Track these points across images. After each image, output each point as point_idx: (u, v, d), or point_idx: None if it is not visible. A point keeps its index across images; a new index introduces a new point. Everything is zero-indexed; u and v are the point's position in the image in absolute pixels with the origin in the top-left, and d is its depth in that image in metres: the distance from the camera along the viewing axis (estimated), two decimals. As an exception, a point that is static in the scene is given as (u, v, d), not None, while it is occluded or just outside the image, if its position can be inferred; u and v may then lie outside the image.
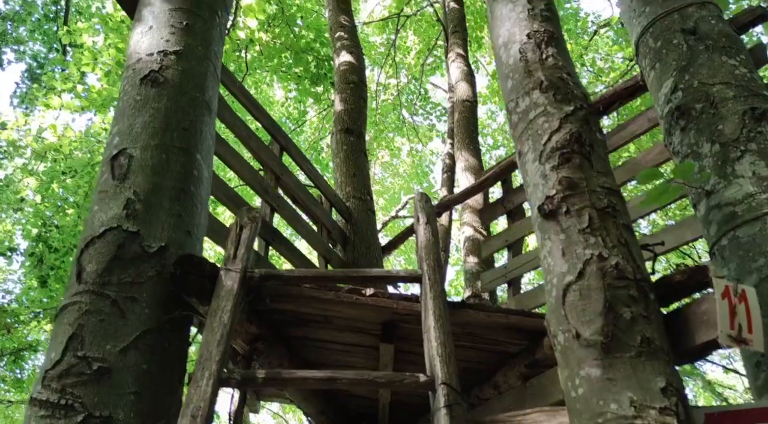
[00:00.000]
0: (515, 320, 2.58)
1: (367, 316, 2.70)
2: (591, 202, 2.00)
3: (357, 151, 5.86)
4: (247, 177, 3.87)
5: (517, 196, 4.33)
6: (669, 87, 2.85)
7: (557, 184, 2.07)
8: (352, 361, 3.26)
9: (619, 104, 3.87)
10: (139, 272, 2.33)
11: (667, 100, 2.85)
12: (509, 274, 4.14)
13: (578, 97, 2.32)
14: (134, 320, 2.23)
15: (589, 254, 1.89)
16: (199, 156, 2.79)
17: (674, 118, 2.76)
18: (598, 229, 1.94)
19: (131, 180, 2.53)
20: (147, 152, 2.62)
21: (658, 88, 2.94)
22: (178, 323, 2.36)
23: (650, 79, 3.04)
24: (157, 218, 2.48)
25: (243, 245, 2.51)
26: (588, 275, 1.86)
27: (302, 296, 2.59)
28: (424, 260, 2.50)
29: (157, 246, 2.41)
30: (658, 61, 2.96)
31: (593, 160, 2.13)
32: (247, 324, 2.67)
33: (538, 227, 2.11)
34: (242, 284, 2.39)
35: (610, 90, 3.88)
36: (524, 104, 2.37)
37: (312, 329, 2.94)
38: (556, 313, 1.91)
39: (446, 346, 2.17)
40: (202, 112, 2.93)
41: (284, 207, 4.23)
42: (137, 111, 2.75)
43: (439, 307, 2.31)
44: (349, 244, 5.06)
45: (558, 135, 2.18)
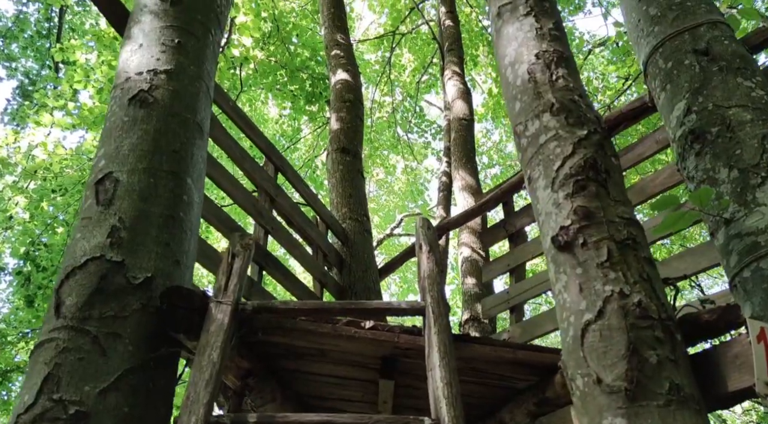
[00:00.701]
0: (523, 355, 2.43)
1: (366, 350, 2.55)
2: (609, 233, 1.87)
3: (353, 171, 5.72)
4: (240, 199, 3.72)
5: (519, 220, 4.20)
6: (682, 109, 2.72)
7: (572, 214, 1.94)
8: (348, 394, 3.09)
9: (624, 126, 3.76)
10: (123, 305, 2.17)
11: (680, 123, 2.73)
12: (512, 300, 3.99)
13: (591, 120, 2.19)
14: (116, 359, 2.07)
15: (609, 290, 1.75)
16: (189, 180, 2.65)
17: (688, 142, 2.64)
18: (618, 263, 1.81)
19: (117, 206, 2.38)
20: (134, 176, 2.48)
21: (670, 111, 2.82)
22: (164, 361, 2.20)
23: (660, 101, 2.92)
24: (144, 247, 2.33)
25: (235, 276, 2.35)
26: (608, 314, 1.72)
27: (297, 329, 2.44)
28: (427, 291, 2.35)
29: (143, 277, 2.25)
30: (669, 83, 2.84)
31: (609, 187, 2.00)
32: (238, 359, 2.51)
33: (552, 258, 1.97)
34: (233, 317, 2.24)
35: (616, 111, 3.76)
36: (534, 128, 2.25)
37: (306, 363, 2.78)
38: (573, 354, 1.76)
39: (452, 386, 2.02)
40: (194, 134, 2.79)
41: (279, 230, 4.08)
42: (125, 132, 2.61)
43: (444, 342, 2.16)
44: (346, 267, 4.90)
45: (571, 161, 2.06)
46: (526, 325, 3.81)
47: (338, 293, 4.73)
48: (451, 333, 2.26)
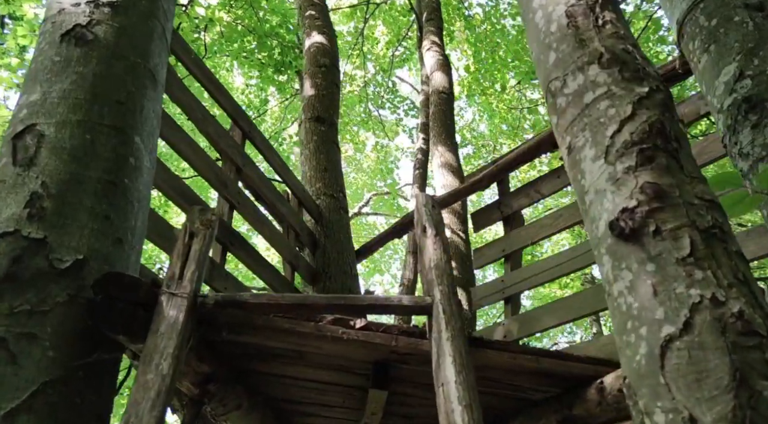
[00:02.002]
0: (549, 364, 1.99)
1: (355, 354, 2.08)
2: (690, 219, 1.42)
3: (328, 143, 5.21)
4: (202, 168, 3.19)
5: (516, 200, 3.77)
6: (732, 74, 2.30)
7: (638, 193, 1.48)
8: (328, 400, 2.63)
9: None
10: (43, 296, 1.65)
11: (730, 89, 2.30)
12: (507, 290, 3.57)
13: (651, 75, 1.74)
14: (30, 368, 1.56)
15: (697, 295, 1.31)
16: (137, 139, 2.12)
17: (742, 112, 2.22)
18: (705, 258, 1.36)
19: (40, 167, 1.85)
20: (65, 130, 1.94)
21: (715, 75, 2.39)
22: (97, 370, 1.70)
23: (702, 65, 2.49)
24: (74, 221, 1.80)
25: (193, 261, 1.85)
26: (699, 328, 1.28)
27: (270, 327, 1.96)
28: (435, 285, 1.89)
29: (72, 259, 1.74)
30: (714, 43, 2.41)
31: (682, 159, 1.56)
32: (196, 363, 2.02)
33: (608, 249, 1.53)
34: (191, 313, 1.74)
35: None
36: (576, 83, 1.78)
37: (280, 365, 2.31)
38: (648, 380, 1.32)
39: (473, 410, 1.57)
40: (144, 82, 2.25)
41: (245, 204, 3.56)
42: (55, 76, 2.06)
43: (460, 352, 1.71)
44: (319, 248, 4.41)
45: (632, 124, 1.60)
46: (523, 319, 3.40)
47: (311, 276, 4.25)
48: (466, 334, 1.80)
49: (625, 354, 1.42)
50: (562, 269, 3.33)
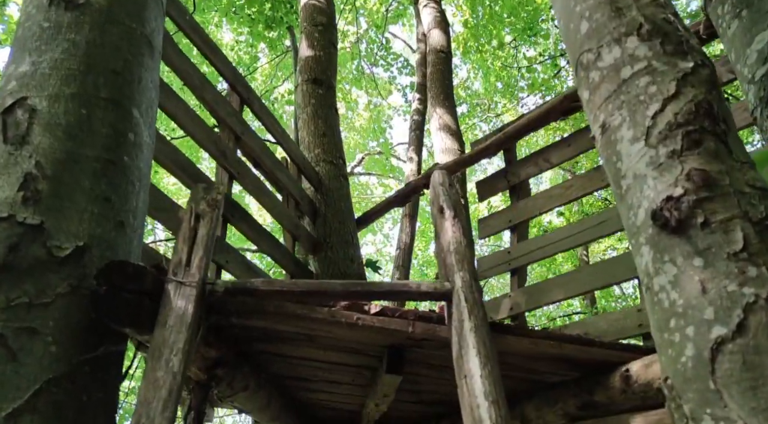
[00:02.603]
0: (572, 350, 1.92)
1: (369, 339, 2.01)
2: (742, 210, 1.32)
3: (326, 106, 5.04)
4: (201, 138, 3.05)
5: (524, 169, 3.66)
6: (766, 42, 2.17)
7: (685, 180, 1.38)
8: (336, 378, 2.57)
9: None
10: (43, 288, 1.54)
11: (763, 58, 2.18)
12: (513, 261, 3.49)
13: (695, 49, 1.62)
14: (32, 365, 1.46)
15: (752, 294, 1.22)
16: (136, 112, 1.98)
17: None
18: (759, 253, 1.27)
19: (33, 145, 1.72)
20: (58, 105, 1.80)
21: (747, 43, 2.26)
22: (104, 363, 1.60)
23: (731, 31, 2.35)
24: (72, 204, 1.68)
25: (200, 245, 1.74)
26: (754, 330, 1.19)
27: (282, 313, 1.87)
28: (456, 271, 1.79)
29: (72, 247, 1.62)
30: (747, 8, 2.27)
31: (731, 143, 1.45)
32: (204, 348, 1.93)
33: (648, 240, 1.43)
34: (199, 303, 1.64)
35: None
36: (612, 57, 1.66)
37: (288, 347, 2.23)
38: (696, 384, 1.24)
39: (500, 406, 1.50)
40: (141, 50, 2.10)
41: (245, 174, 3.43)
42: (45, 44, 1.90)
43: (484, 343, 1.63)
44: (320, 217, 4.30)
45: (676, 104, 1.48)
46: (531, 291, 3.33)
47: (312, 246, 4.15)
48: (489, 324, 1.72)
49: (667, 353, 1.34)
50: (570, 242, 3.25)
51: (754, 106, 2.25)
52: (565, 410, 2.10)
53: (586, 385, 2.01)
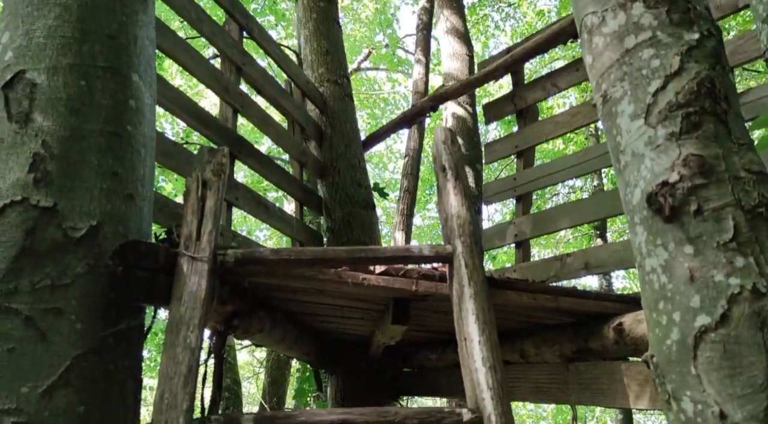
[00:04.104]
0: (566, 303, 2.01)
1: (375, 294, 2.10)
2: (735, 197, 1.35)
3: (328, 21, 4.89)
4: (202, 75, 3.02)
5: (531, 93, 3.61)
6: (782, -20, 2.09)
7: (681, 165, 1.39)
8: (346, 314, 2.71)
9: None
10: (63, 269, 1.62)
11: (778, -2, 2.10)
12: (519, 188, 3.53)
13: (703, 16, 1.57)
14: (61, 343, 1.57)
15: (737, 285, 1.28)
16: (135, 77, 1.97)
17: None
18: (748, 243, 1.31)
19: (38, 123, 1.74)
20: (57, 78, 1.79)
21: (762, -20, 2.18)
22: (127, 335, 1.71)
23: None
24: (82, 183, 1.72)
25: (209, 216, 1.80)
26: (736, 321, 1.26)
27: (292, 275, 1.96)
28: (457, 236, 1.85)
29: (86, 226, 1.68)
30: (766, -59, 2.16)
31: (731, 124, 1.45)
32: (220, 306, 2.03)
33: (642, 221, 1.47)
34: (212, 276, 1.73)
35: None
36: (617, 23, 1.61)
37: (300, 295, 2.34)
38: (679, 367, 1.33)
39: (496, 370, 1.61)
40: (134, 6, 2.05)
41: (249, 106, 3.42)
42: (36, 10, 1.87)
43: (483, 309, 1.71)
44: (326, 140, 4.31)
45: (678, 82, 1.47)
46: (537, 219, 3.39)
47: (319, 170, 4.19)
48: (488, 289, 1.80)
49: (654, 332, 1.42)
50: (576, 170, 3.27)
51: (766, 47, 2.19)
52: (561, 352, 2.23)
53: (582, 332, 2.12)
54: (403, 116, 4.65)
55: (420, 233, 18.00)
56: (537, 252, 16.00)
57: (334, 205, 4.11)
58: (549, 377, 2.34)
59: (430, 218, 18.52)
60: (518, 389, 2.54)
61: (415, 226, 15.67)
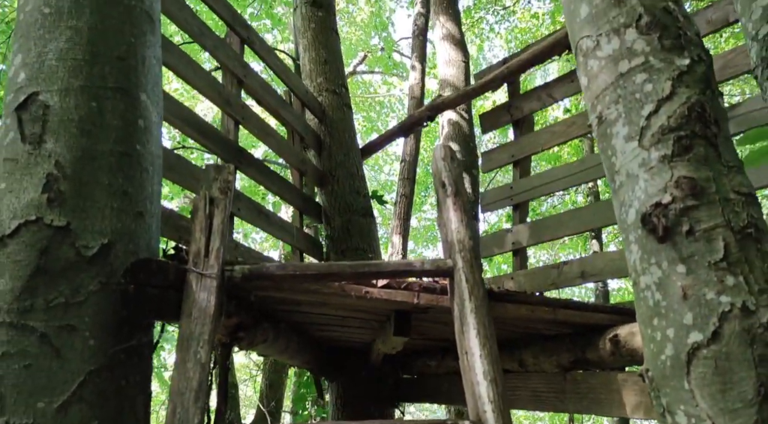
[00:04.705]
0: (564, 315, 2.07)
1: (378, 306, 2.16)
2: (725, 218, 1.41)
3: (327, 30, 4.94)
4: (204, 88, 3.07)
5: (527, 104, 3.67)
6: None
7: (674, 187, 1.46)
8: (348, 323, 2.76)
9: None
10: (76, 287, 1.67)
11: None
12: (515, 197, 3.60)
13: (693, 41, 1.63)
14: (75, 360, 1.62)
15: (728, 303, 1.34)
16: (143, 96, 2.02)
17: (778, 47, 2.11)
18: (738, 263, 1.37)
19: (51, 144, 1.79)
20: (69, 99, 1.85)
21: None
22: (138, 350, 1.76)
23: (737, -17, 2.32)
24: (94, 202, 1.78)
25: (217, 234, 1.85)
26: (727, 338, 1.32)
27: (296, 288, 2.01)
28: (457, 251, 1.90)
29: (98, 245, 1.74)
30: (756, -40, 2.23)
31: (720, 147, 1.51)
32: (226, 319, 2.09)
33: (637, 240, 1.53)
34: (220, 292, 1.78)
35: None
36: (611, 47, 1.67)
37: (304, 307, 2.40)
38: (673, 381, 1.39)
39: (497, 384, 1.66)
40: (143, 28, 2.10)
41: (250, 118, 3.47)
42: (48, 32, 1.92)
43: (484, 323, 1.77)
44: (325, 149, 4.36)
45: (670, 106, 1.53)
46: (535, 227, 3.45)
47: (319, 179, 4.25)
48: (489, 303, 1.86)
49: (649, 347, 1.48)
50: (573, 179, 3.33)
51: (756, 64, 2.25)
52: (559, 362, 2.28)
53: (580, 343, 2.18)
54: (401, 126, 4.71)
55: (416, 234, 18.09)
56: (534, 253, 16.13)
57: (334, 213, 4.17)
58: (547, 386, 2.40)
59: (426, 220, 18.60)
60: (517, 397, 2.60)
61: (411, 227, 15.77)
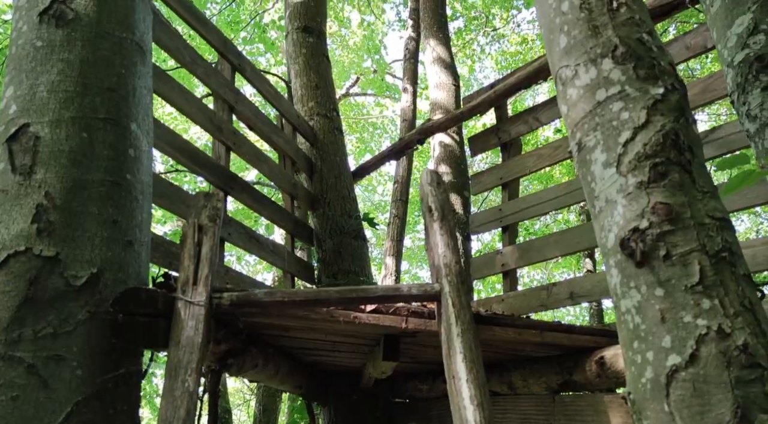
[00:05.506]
0: (552, 337, 2.10)
1: (366, 331, 2.18)
2: (700, 243, 1.44)
3: (318, 56, 5.01)
4: (195, 116, 3.11)
5: (515, 127, 3.72)
6: (745, 26, 2.19)
7: (650, 213, 1.49)
8: (338, 348, 2.77)
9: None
10: (65, 317, 1.69)
11: (742, 43, 2.21)
12: (504, 219, 3.63)
13: (666, 71, 1.68)
14: (62, 390, 1.63)
15: (704, 326, 1.36)
16: (134, 126, 2.06)
17: (753, 72, 2.14)
18: (713, 286, 1.40)
19: (41, 175, 1.81)
20: (60, 130, 1.88)
21: (728, 25, 2.28)
22: (126, 379, 1.77)
23: (714, 10, 2.37)
24: (84, 232, 1.80)
25: (205, 262, 1.87)
26: (704, 361, 1.34)
27: (284, 314, 2.03)
28: (444, 275, 1.93)
29: (87, 274, 1.76)
30: (730, -11, 2.29)
31: (695, 172, 1.55)
32: (215, 346, 2.10)
33: (617, 264, 1.56)
34: (208, 319, 1.80)
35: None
36: (588, 77, 1.72)
37: (293, 332, 2.41)
38: (653, 404, 1.41)
39: (484, 408, 1.68)
40: (134, 59, 2.14)
41: (241, 144, 3.51)
42: (39, 65, 1.95)
43: (471, 348, 1.79)
44: (316, 172, 4.40)
45: (645, 134, 1.57)
46: (524, 249, 3.49)
47: (310, 203, 4.28)
48: (475, 327, 1.88)
49: (630, 370, 1.50)
50: (560, 201, 3.37)
51: (732, 90, 2.31)
52: (547, 384, 2.30)
53: (567, 365, 2.20)
54: (392, 149, 4.76)
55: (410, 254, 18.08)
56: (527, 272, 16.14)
57: (325, 236, 4.19)
58: (536, 408, 2.41)
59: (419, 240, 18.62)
60: (508, 420, 2.61)
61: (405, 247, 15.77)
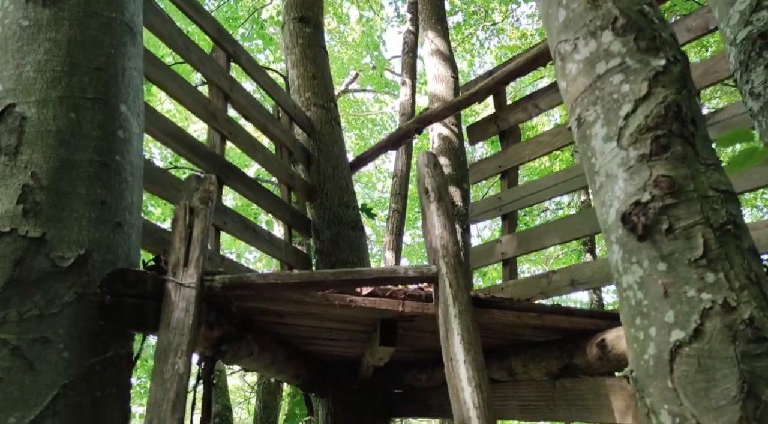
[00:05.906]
0: (552, 320, 2.05)
1: (362, 316, 2.14)
2: (704, 216, 1.40)
3: (315, 46, 4.97)
4: (189, 103, 3.06)
5: (513, 115, 3.68)
6: (748, 3, 2.14)
7: (652, 186, 1.44)
8: (335, 336, 2.73)
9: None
10: (51, 298, 1.65)
11: (745, 20, 2.16)
12: (503, 207, 3.58)
13: (668, 42, 1.63)
14: (48, 373, 1.59)
15: (709, 300, 1.32)
16: (123, 107, 2.01)
17: (756, 49, 2.10)
18: (718, 259, 1.36)
19: (27, 155, 1.77)
20: (47, 110, 1.83)
21: (730, 2, 2.23)
22: (115, 362, 1.73)
23: (716, -12, 2.34)
24: (71, 212, 1.76)
25: (197, 244, 1.83)
26: (709, 335, 1.30)
27: (279, 298, 1.99)
28: (441, 256, 1.89)
29: (74, 255, 1.71)
30: (732, -34, 2.24)
31: (698, 145, 1.50)
32: (207, 331, 2.06)
33: (618, 239, 1.51)
34: (199, 302, 1.75)
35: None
36: (588, 50, 1.67)
37: (288, 318, 2.37)
38: (656, 381, 1.36)
39: (482, 389, 1.64)
40: (123, 39, 2.09)
41: (237, 133, 3.46)
42: (26, 45, 1.91)
43: (468, 329, 1.75)
44: (314, 163, 4.36)
45: (647, 106, 1.52)
46: (523, 237, 3.44)
47: (307, 193, 4.23)
48: (473, 309, 1.84)
49: (633, 347, 1.46)
50: (560, 188, 3.33)
51: (735, 68, 2.26)
52: (548, 369, 2.26)
53: (567, 349, 2.15)
54: (389, 139, 4.72)
55: (410, 251, 18.03)
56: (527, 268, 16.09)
57: (323, 227, 4.15)
58: (536, 394, 2.37)
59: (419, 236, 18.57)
60: (507, 407, 2.57)
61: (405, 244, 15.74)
